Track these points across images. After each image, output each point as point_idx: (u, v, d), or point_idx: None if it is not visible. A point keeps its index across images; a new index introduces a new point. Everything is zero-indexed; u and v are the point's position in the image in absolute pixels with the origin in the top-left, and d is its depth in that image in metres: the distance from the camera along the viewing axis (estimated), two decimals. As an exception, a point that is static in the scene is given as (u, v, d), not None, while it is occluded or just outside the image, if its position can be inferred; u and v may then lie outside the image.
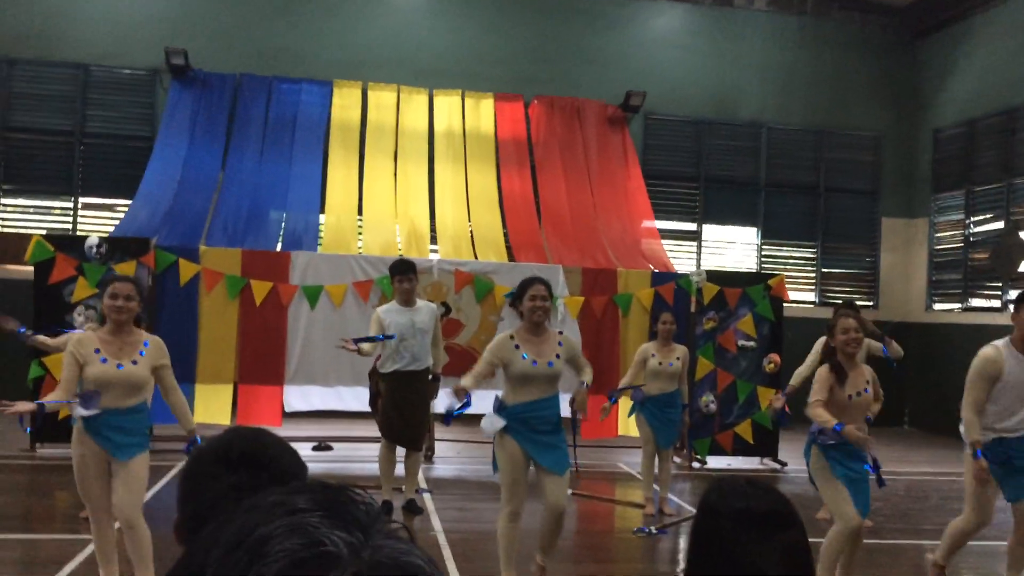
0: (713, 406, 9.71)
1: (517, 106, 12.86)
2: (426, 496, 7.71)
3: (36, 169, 12.57)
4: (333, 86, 12.46)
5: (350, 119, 12.25)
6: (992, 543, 6.25)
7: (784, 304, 10.19)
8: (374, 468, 7.45)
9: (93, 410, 4.52)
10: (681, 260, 13.60)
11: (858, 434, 4.82)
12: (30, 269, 8.98)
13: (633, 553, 6.61)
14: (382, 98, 12.52)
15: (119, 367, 4.54)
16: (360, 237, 10.95)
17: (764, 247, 14.38)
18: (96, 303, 8.16)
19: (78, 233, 11.96)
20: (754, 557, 1.65)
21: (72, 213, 12.57)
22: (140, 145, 12.29)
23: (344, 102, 12.37)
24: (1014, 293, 12.32)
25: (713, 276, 10.12)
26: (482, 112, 12.69)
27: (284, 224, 10.76)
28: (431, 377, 7.18)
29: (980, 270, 13.27)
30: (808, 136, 14.51)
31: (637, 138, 13.45)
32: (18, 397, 6.89)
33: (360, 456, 9.33)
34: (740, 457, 9.92)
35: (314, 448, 9.56)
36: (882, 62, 14.61)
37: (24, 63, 12.47)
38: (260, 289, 9.18)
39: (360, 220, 11.22)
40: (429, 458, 9.31)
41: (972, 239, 13.49)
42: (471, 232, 11.29)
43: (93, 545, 4.90)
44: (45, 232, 10.61)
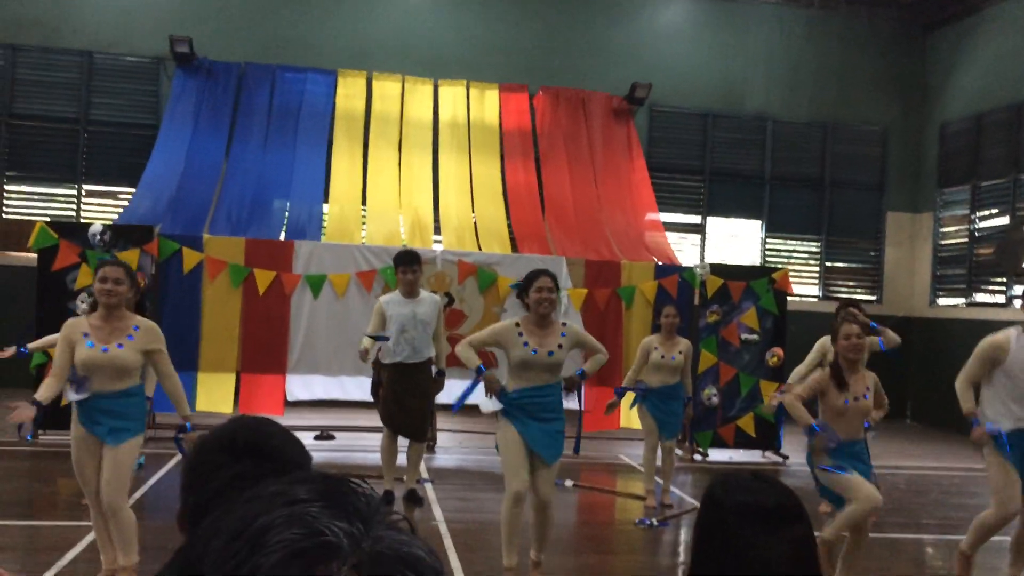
0: (715, 399, 9.70)
1: (522, 97, 12.82)
2: (428, 486, 7.71)
3: (40, 156, 12.58)
4: (338, 75, 12.43)
5: (354, 109, 12.23)
6: (995, 538, 6.24)
7: (788, 298, 10.18)
8: (376, 458, 7.46)
9: (83, 394, 4.55)
10: (685, 253, 13.58)
11: (822, 444, 4.93)
12: (34, 256, 8.98)
13: (634, 545, 6.62)
14: (387, 88, 12.50)
15: (104, 350, 4.55)
16: (364, 227, 10.94)
17: (768, 240, 14.36)
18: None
19: (82, 220, 11.98)
20: (762, 552, 1.64)
21: (76, 200, 12.58)
22: (144, 133, 12.29)
23: (348, 92, 12.35)
24: (1019, 289, 12.35)
25: (717, 269, 10.10)
26: (487, 103, 12.66)
27: (288, 213, 10.76)
28: (436, 372, 7.17)
29: (985, 265, 13.23)
30: (814, 129, 14.46)
31: (642, 130, 13.42)
32: (22, 384, 6.90)
33: (362, 445, 9.35)
34: (742, 450, 9.93)
35: (316, 437, 9.57)
36: (889, 56, 14.55)
37: (28, 50, 12.46)
38: (263, 278, 9.18)
39: (364, 210, 11.21)
40: (431, 448, 9.32)
41: (977, 234, 13.45)
42: (475, 223, 11.28)
43: (93, 531, 4.92)
44: (49, 219, 10.62)
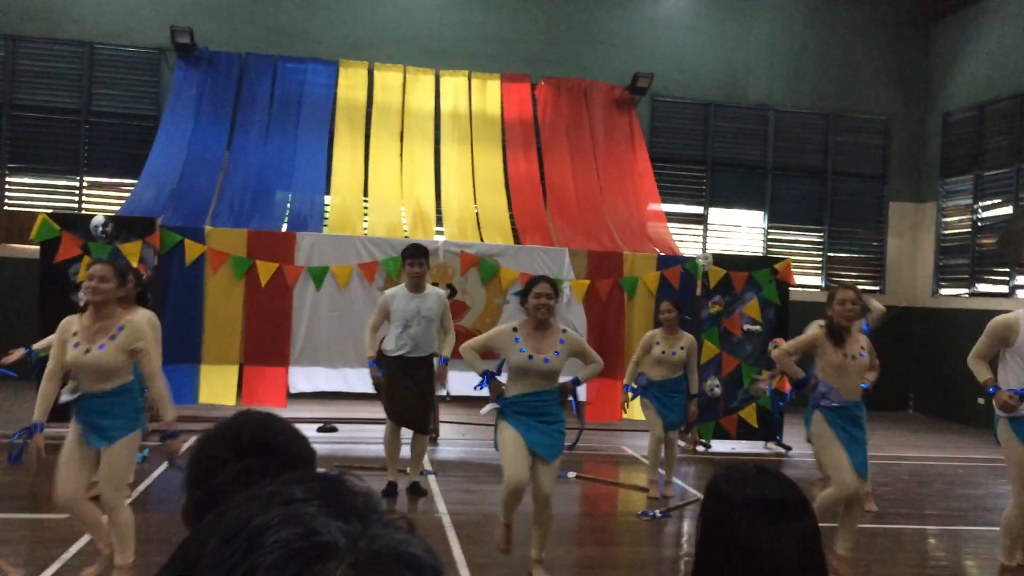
0: (718, 390, 9.70)
1: (524, 87, 12.79)
2: (431, 478, 7.72)
3: (42, 148, 12.58)
4: (339, 66, 12.40)
5: (356, 99, 12.20)
6: (995, 528, 6.24)
7: (790, 288, 10.16)
8: (379, 450, 7.46)
9: (75, 394, 4.60)
10: (687, 243, 13.57)
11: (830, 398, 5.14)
12: (36, 248, 8.98)
13: (637, 536, 6.62)
14: (388, 78, 12.47)
15: (87, 352, 4.55)
16: (366, 218, 10.93)
17: (771, 231, 14.33)
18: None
19: (84, 212, 11.97)
20: (769, 546, 1.63)
21: (78, 192, 12.58)
22: (146, 124, 12.28)
23: (350, 82, 12.32)
24: (1021, 279, 12.33)
25: (719, 260, 10.09)
26: (488, 93, 12.63)
27: (289, 205, 10.75)
28: (441, 360, 7.14)
29: (987, 255, 13.22)
30: (816, 119, 14.42)
31: (644, 120, 13.39)
32: (24, 378, 6.89)
33: (365, 438, 9.36)
34: (744, 441, 9.93)
35: (319, 429, 9.59)
36: (892, 45, 14.50)
37: (29, 41, 12.44)
38: (265, 270, 9.17)
39: (366, 201, 11.20)
40: (434, 440, 9.32)
41: (980, 224, 13.43)
42: (477, 214, 11.27)
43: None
44: (51, 211, 10.62)
